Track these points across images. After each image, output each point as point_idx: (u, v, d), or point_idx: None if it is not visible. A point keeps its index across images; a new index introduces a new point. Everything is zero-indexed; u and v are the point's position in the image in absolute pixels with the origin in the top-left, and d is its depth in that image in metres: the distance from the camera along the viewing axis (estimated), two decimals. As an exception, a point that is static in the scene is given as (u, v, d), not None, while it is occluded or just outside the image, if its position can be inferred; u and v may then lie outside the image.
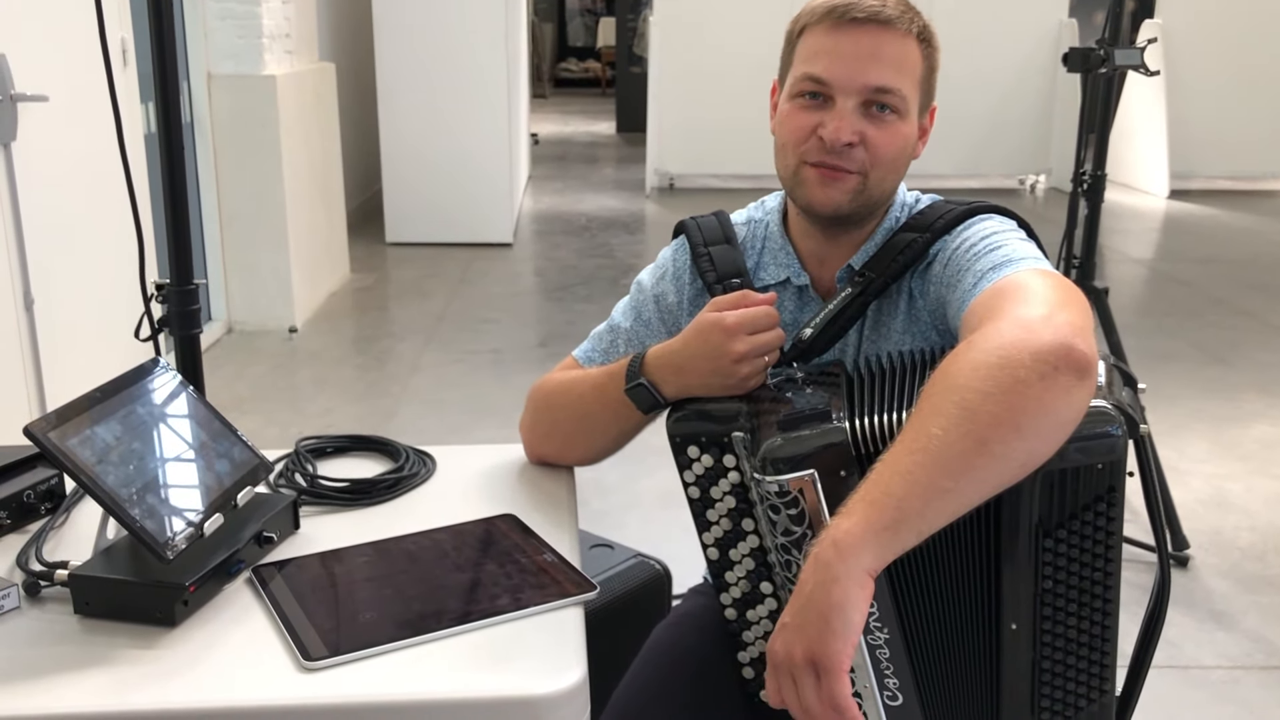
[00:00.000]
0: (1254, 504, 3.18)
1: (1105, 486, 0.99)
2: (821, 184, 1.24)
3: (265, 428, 3.70)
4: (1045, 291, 1.03)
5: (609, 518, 3.04)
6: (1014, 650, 1.05)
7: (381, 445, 1.44)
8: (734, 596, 1.21)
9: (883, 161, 1.24)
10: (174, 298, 1.70)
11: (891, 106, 1.23)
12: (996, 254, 1.15)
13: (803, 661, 0.90)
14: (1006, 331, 0.95)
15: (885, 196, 1.29)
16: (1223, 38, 8.02)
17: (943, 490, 0.90)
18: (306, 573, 1.13)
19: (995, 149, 8.33)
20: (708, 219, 1.41)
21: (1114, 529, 1.01)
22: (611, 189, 8.60)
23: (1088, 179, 2.81)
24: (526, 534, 1.20)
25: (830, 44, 1.23)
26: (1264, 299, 5.44)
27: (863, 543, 0.89)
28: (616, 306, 1.46)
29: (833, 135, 1.21)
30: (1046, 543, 1.01)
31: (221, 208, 4.66)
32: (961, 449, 0.90)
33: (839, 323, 1.26)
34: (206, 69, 4.55)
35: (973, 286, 1.13)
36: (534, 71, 12.96)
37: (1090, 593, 1.03)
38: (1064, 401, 0.92)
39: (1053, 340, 0.93)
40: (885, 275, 1.26)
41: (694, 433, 1.16)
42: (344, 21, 6.90)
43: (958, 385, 0.93)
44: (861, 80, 1.21)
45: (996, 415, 0.90)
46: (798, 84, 1.26)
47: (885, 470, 0.92)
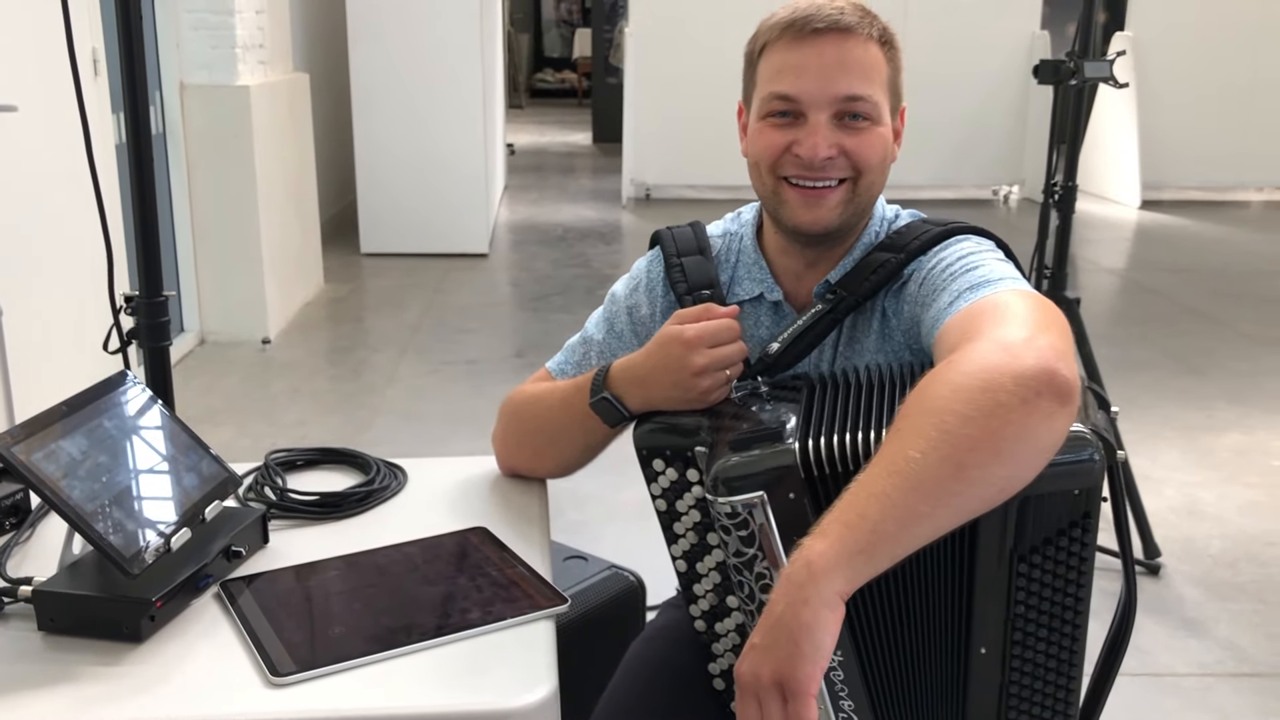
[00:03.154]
0: (1226, 512, 3.21)
1: (1081, 512, 0.98)
2: (805, 206, 1.23)
3: (238, 440, 3.67)
4: (1026, 313, 1.02)
5: (586, 529, 3.03)
6: (982, 673, 1.04)
7: (352, 458, 1.43)
8: (702, 609, 1.21)
9: (869, 167, 1.23)
10: (143, 309, 1.69)
11: (864, 114, 1.21)
12: (973, 274, 1.14)
13: (770, 683, 0.88)
14: (987, 353, 0.94)
15: (871, 203, 1.28)
16: (1193, 49, 8.11)
17: (919, 515, 0.89)
18: (275, 587, 1.12)
19: (969, 160, 8.38)
20: (683, 230, 1.40)
21: (1087, 554, 1.00)
22: (588, 199, 8.60)
23: (1059, 190, 2.83)
24: (498, 547, 1.20)
25: (794, 59, 1.21)
26: (1236, 308, 5.49)
27: (835, 565, 0.88)
28: (590, 318, 1.45)
29: (810, 152, 1.20)
30: (1021, 567, 1.00)
31: (194, 218, 4.63)
32: (939, 473, 0.88)
33: (807, 339, 1.25)
34: (179, 79, 4.52)
35: (948, 305, 1.11)
36: (510, 82, 12.96)
37: (1061, 617, 1.02)
38: (1045, 427, 0.91)
39: (1035, 364, 0.91)
40: (856, 294, 1.25)
41: (659, 445, 1.16)
42: (318, 32, 6.88)
43: (936, 407, 0.91)
44: (831, 92, 1.20)
45: (975, 439, 0.89)
46: (766, 104, 1.24)
47: (861, 492, 0.90)
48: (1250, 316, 5.33)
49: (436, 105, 6.22)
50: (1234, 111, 8.25)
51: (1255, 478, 3.45)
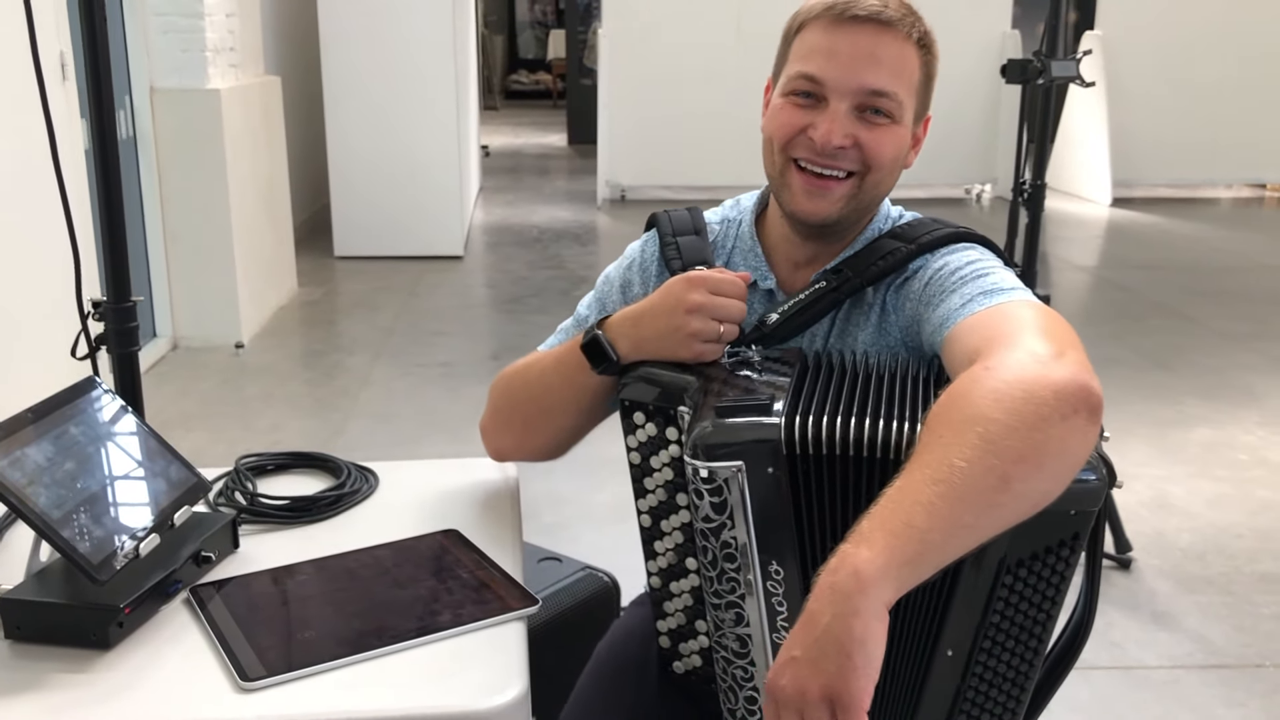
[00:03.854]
0: (1195, 506, 3.24)
1: (1071, 533, 0.99)
2: (809, 195, 1.22)
3: (212, 445, 3.65)
4: (1050, 326, 1.01)
5: (562, 531, 3.03)
6: (942, 676, 1.05)
7: (323, 462, 1.43)
8: (660, 566, 1.21)
9: (880, 165, 1.21)
10: (111, 315, 1.68)
11: (886, 111, 1.19)
12: (985, 280, 1.13)
13: (819, 699, 0.84)
14: (1025, 364, 0.93)
15: (877, 202, 1.26)
16: (1163, 48, 8.18)
17: (964, 526, 0.88)
18: (245, 592, 1.11)
19: (941, 159, 8.41)
20: (680, 212, 1.39)
21: (1068, 574, 1.01)
22: (563, 200, 8.59)
23: (1028, 188, 2.86)
24: (469, 549, 1.20)
25: (827, 42, 1.19)
26: (1205, 305, 5.55)
27: (884, 575, 0.85)
28: (581, 301, 1.44)
29: (824, 138, 1.18)
30: (1006, 579, 1.01)
31: (166, 223, 4.60)
32: (985, 484, 0.87)
33: (807, 314, 1.23)
34: (149, 83, 4.49)
35: (960, 307, 1.10)
36: (484, 83, 12.94)
37: (1030, 631, 1.03)
38: (1079, 443, 0.91)
39: (1072, 379, 0.91)
40: (862, 276, 1.23)
41: (642, 399, 1.15)
42: (290, 34, 6.85)
43: (980, 415, 0.89)
44: (857, 82, 1.18)
45: (1021, 452, 0.88)
46: (791, 82, 1.22)
47: (905, 499, 0.88)
48: (1220, 313, 5.39)
49: (410, 107, 6.21)
50: (1203, 109, 8.33)
51: (1223, 471, 3.48)
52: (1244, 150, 8.49)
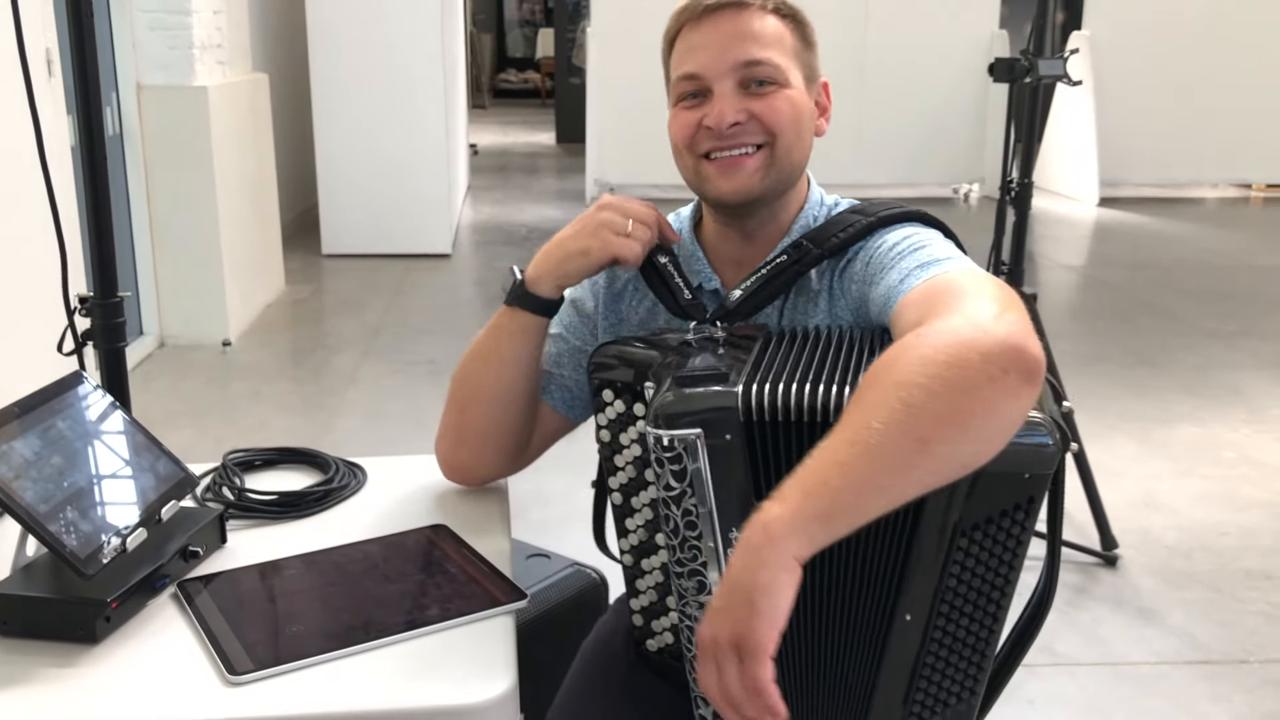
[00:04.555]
0: (1181, 503, 3.26)
1: (1026, 496, 1.00)
2: (723, 175, 1.24)
3: (200, 442, 3.64)
4: (988, 290, 1.02)
5: (550, 528, 3.03)
6: (902, 642, 1.05)
7: (310, 457, 1.43)
8: (631, 544, 1.23)
9: (781, 128, 1.22)
10: (98, 311, 1.67)
11: (768, 79, 1.22)
12: (922, 253, 1.15)
13: (727, 644, 0.88)
14: (956, 328, 0.94)
15: (795, 170, 1.27)
16: (1149, 48, 8.21)
17: (880, 486, 0.90)
18: (233, 587, 1.11)
19: (930, 159, 8.45)
20: None
21: (1024, 539, 1.02)
22: (552, 199, 8.59)
23: (1015, 187, 2.86)
24: (457, 544, 1.20)
25: (694, 39, 1.24)
26: (1191, 303, 5.57)
27: (791, 530, 0.88)
28: None
29: (717, 119, 1.21)
30: (961, 541, 1.02)
31: (153, 220, 4.59)
32: (902, 446, 0.89)
33: (769, 289, 1.24)
34: (136, 80, 4.48)
35: (899, 282, 1.12)
36: (473, 82, 12.92)
37: (988, 595, 1.04)
38: (1011, 404, 0.91)
39: (1004, 340, 0.91)
40: (823, 247, 1.24)
41: (611, 378, 1.17)
42: (278, 32, 6.83)
43: (903, 379, 0.91)
44: (730, 60, 1.21)
45: (941, 415, 0.89)
46: (676, 88, 1.26)
47: (824, 459, 0.91)
48: (1205, 312, 5.42)
49: (398, 105, 6.20)
50: (1190, 109, 8.37)
51: (1209, 469, 3.50)
52: (1229, 150, 8.53)
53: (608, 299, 1.38)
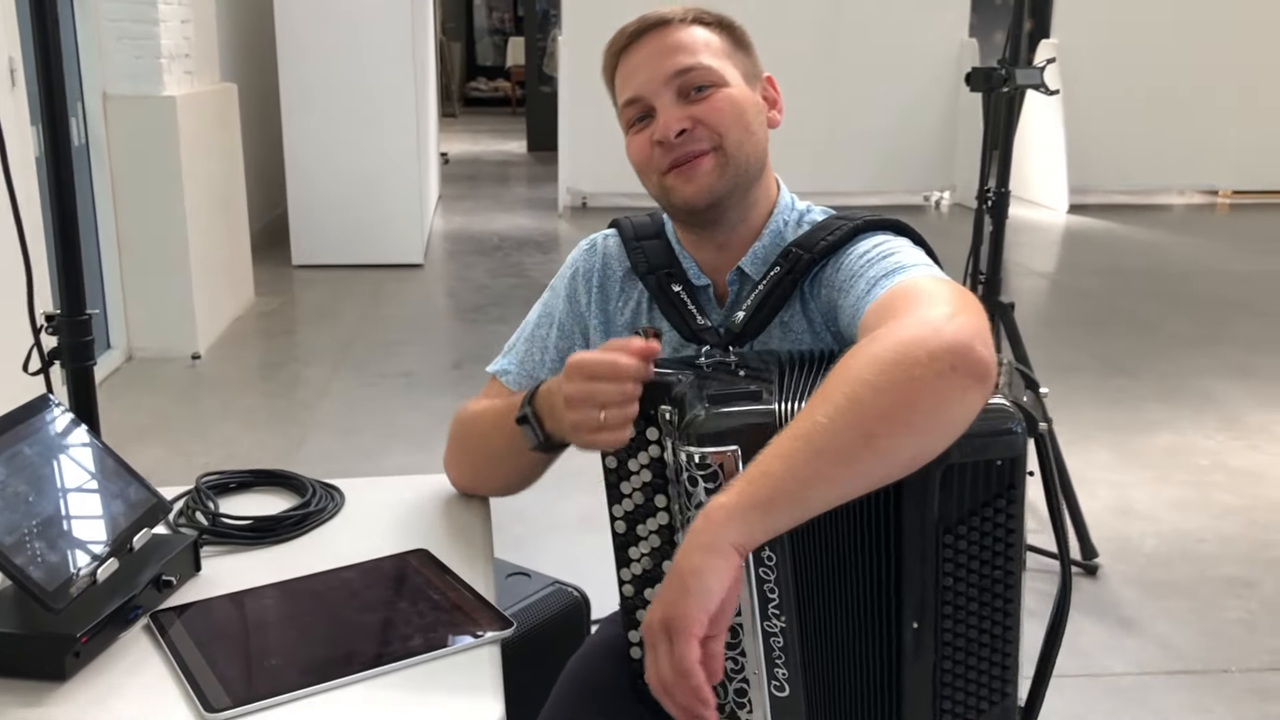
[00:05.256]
0: (1158, 510, 3.26)
1: (1005, 484, 1.00)
2: (683, 180, 1.24)
3: (169, 458, 3.58)
4: (944, 294, 1.04)
5: (528, 543, 2.99)
6: (916, 651, 1.04)
7: (287, 479, 1.39)
8: (634, 573, 1.20)
9: (727, 127, 1.23)
10: (65, 328, 1.63)
11: (705, 82, 1.24)
12: (888, 260, 1.15)
13: (659, 626, 0.90)
14: (907, 328, 0.96)
15: (753, 165, 1.27)
16: (1117, 56, 8.28)
17: (823, 478, 0.91)
18: (208, 617, 1.08)
19: (900, 166, 8.48)
20: (641, 217, 1.41)
21: (1014, 526, 1.01)
22: (524, 208, 8.55)
23: (992, 196, 2.86)
24: (439, 569, 1.17)
25: (628, 66, 1.28)
26: (1162, 310, 5.61)
27: (730, 516, 0.90)
28: (529, 313, 1.43)
29: (663, 131, 1.23)
30: (947, 539, 1.01)
31: (120, 232, 4.52)
32: (847, 439, 0.91)
33: (770, 304, 1.24)
34: (102, 89, 4.41)
35: (866, 293, 1.13)
36: (443, 91, 12.86)
37: (991, 591, 1.03)
38: (957, 402, 0.93)
39: (952, 340, 0.93)
40: (813, 252, 1.24)
41: None
42: (247, 41, 6.77)
43: (850, 377, 0.93)
44: (663, 73, 1.24)
45: (885, 410, 0.91)
46: (624, 116, 1.29)
47: (769, 451, 0.93)
48: (1176, 318, 5.45)
49: (368, 114, 6.15)
50: (1157, 116, 8.44)
51: (1185, 476, 3.51)
52: (1196, 156, 8.62)
53: (599, 298, 1.38)
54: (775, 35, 8.61)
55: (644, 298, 1.35)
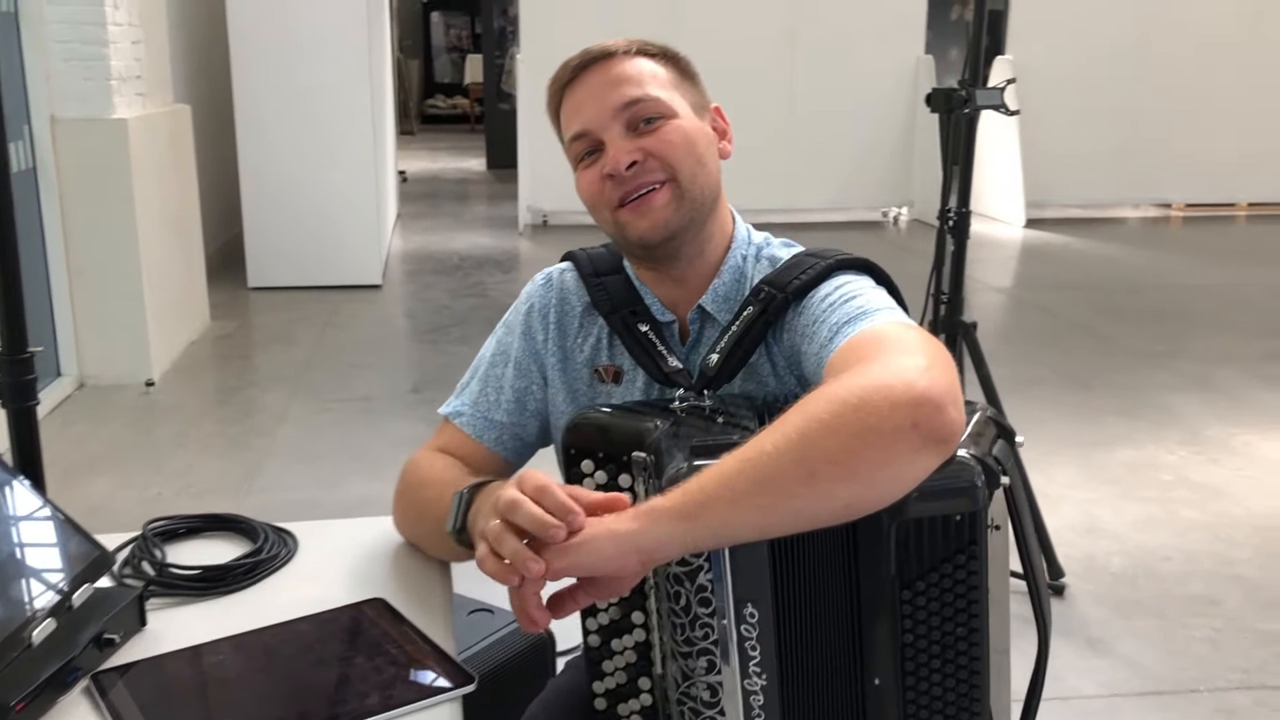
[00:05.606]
0: (1122, 528, 3.26)
1: (965, 540, 0.97)
2: (638, 215, 1.22)
3: (121, 490, 3.49)
4: (915, 343, 1.00)
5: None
6: (879, 706, 1.01)
7: (237, 524, 1.34)
8: (601, 623, 1.15)
9: (678, 159, 1.21)
10: (6, 368, 1.57)
11: (653, 114, 1.22)
12: (851, 304, 1.12)
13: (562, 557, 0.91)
14: (876, 374, 0.93)
15: (707, 197, 1.24)
16: (1070, 71, 8.37)
17: (755, 505, 0.89)
18: (153, 677, 1.03)
19: (858, 183, 8.52)
20: (598, 250, 1.37)
21: (975, 583, 0.98)
22: (483, 226, 8.50)
23: (953, 216, 2.86)
24: (397, 620, 1.12)
25: (573, 101, 1.25)
26: (1119, 323, 5.65)
27: (653, 520, 0.90)
28: (481, 351, 1.39)
29: (613, 164, 1.20)
30: (905, 594, 0.98)
31: (70, 257, 4.42)
32: (788, 473, 0.88)
33: (744, 345, 1.21)
34: (50, 112, 4.32)
35: (829, 340, 1.10)
36: (401, 108, 12.80)
37: (954, 648, 1.00)
38: (906, 460, 0.89)
39: (921, 395, 0.89)
40: (786, 291, 1.20)
41: (591, 446, 1.10)
42: (200, 61, 6.68)
43: (806, 412, 0.91)
44: (610, 106, 1.21)
45: (832, 453, 0.88)
46: (571, 150, 1.27)
47: (711, 470, 0.91)
48: (1134, 332, 5.49)
49: (325, 133, 6.08)
50: (1110, 131, 8.55)
51: (1149, 492, 3.52)
52: (1149, 171, 8.73)
53: (556, 334, 1.34)
54: (732, 54, 8.64)
55: (604, 333, 1.31)
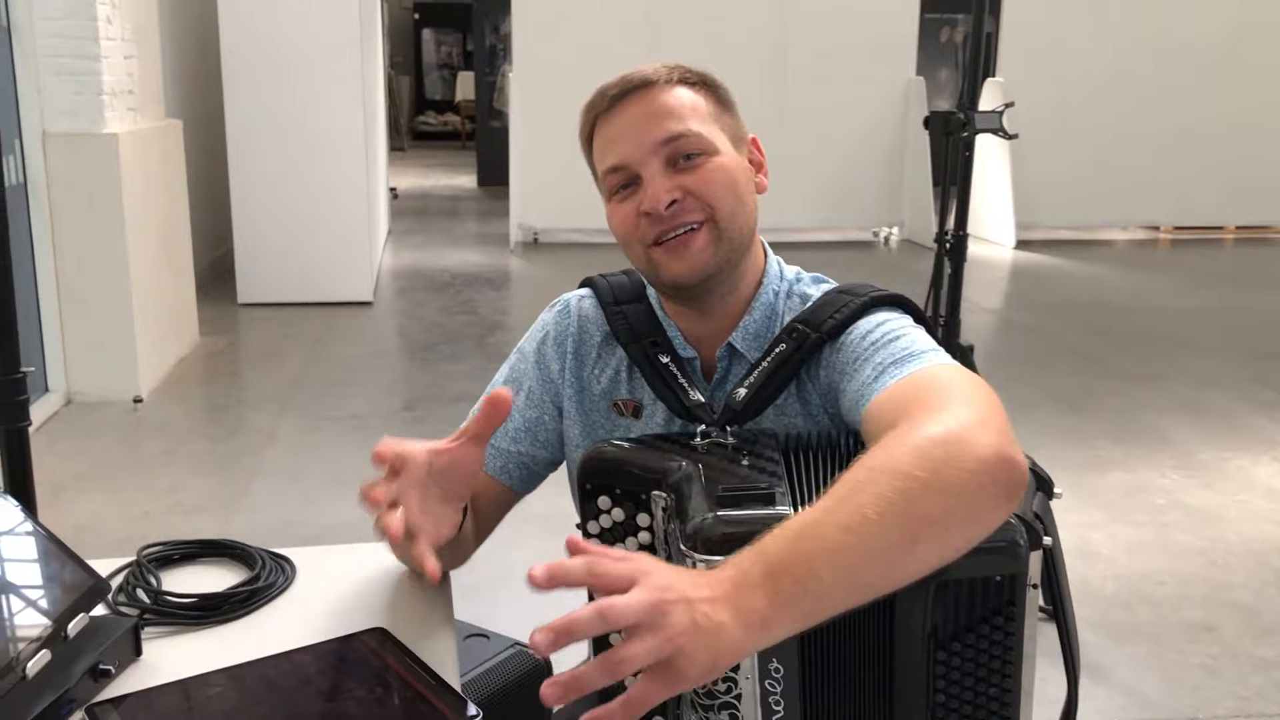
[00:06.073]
0: (1116, 552, 3.25)
1: (1004, 600, 0.95)
2: (674, 257, 1.18)
3: (108, 508, 3.46)
4: (972, 392, 0.97)
5: (480, 594, 2.91)
6: None
7: (234, 549, 1.32)
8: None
9: (720, 198, 1.18)
10: (-2, 388, 1.55)
11: (694, 150, 1.18)
12: (896, 345, 1.10)
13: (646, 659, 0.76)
14: (953, 429, 0.89)
15: (745, 237, 1.22)
16: (1060, 93, 8.41)
17: (865, 586, 0.83)
18: (148, 710, 1.00)
19: (849, 202, 8.54)
20: (618, 277, 1.34)
21: (1012, 644, 0.97)
22: (475, 244, 8.49)
23: (950, 239, 2.85)
24: (399, 651, 1.10)
25: (610, 131, 1.21)
26: (1109, 346, 5.66)
27: (774, 632, 0.80)
28: (495, 377, 1.37)
29: (652, 203, 1.17)
30: (940, 654, 0.97)
31: (59, 272, 4.40)
32: (893, 542, 0.83)
33: (774, 383, 1.18)
34: (41, 127, 4.30)
35: (873, 380, 1.07)
36: (392, 125, 12.79)
37: (986, 708, 0.99)
38: (990, 515, 0.87)
39: (998, 450, 0.87)
40: (821, 330, 1.17)
41: (608, 482, 1.08)
42: (192, 77, 6.66)
43: (900, 470, 0.85)
44: (650, 141, 1.18)
45: (931, 513, 0.84)
46: (606, 182, 1.23)
47: (814, 544, 0.82)
48: (1125, 354, 5.50)
49: (316, 149, 6.06)
50: (1099, 154, 8.59)
51: (1142, 516, 3.52)
52: (1137, 193, 8.77)
53: (574, 365, 1.31)
54: (722, 72, 8.61)
55: (623, 365, 1.29)
